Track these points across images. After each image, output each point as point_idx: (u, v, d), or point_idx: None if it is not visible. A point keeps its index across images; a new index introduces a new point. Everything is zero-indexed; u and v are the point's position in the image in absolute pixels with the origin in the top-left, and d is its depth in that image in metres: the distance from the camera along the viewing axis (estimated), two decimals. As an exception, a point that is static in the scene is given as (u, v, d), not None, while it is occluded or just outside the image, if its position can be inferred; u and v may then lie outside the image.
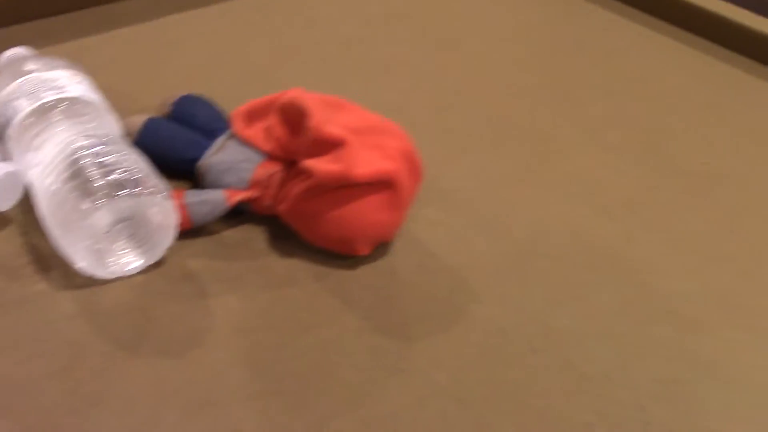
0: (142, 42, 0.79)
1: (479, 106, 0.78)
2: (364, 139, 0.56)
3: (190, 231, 0.56)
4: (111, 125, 0.57)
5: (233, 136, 0.60)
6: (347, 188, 0.54)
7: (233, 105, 0.63)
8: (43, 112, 0.55)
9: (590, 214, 0.66)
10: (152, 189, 0.51)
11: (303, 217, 0.56)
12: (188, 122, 0.62)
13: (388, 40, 0.88)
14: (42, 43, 0.68)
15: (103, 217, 0.49)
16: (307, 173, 0.55)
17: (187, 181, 0.60)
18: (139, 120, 0.61)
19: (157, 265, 0.54)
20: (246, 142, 0.59)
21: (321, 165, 0.54)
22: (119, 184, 0.50)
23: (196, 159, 0.59)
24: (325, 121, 0.55)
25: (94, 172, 0.50)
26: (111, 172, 0.50)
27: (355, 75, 0.80)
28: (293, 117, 0.57)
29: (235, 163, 0.58)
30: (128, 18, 0.82)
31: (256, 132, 0.59)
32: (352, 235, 0.56)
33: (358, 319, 0.53)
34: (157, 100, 0.66)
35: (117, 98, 0.61)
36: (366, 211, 0.55)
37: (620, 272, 0.60)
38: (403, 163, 0.56)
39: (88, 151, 0.52)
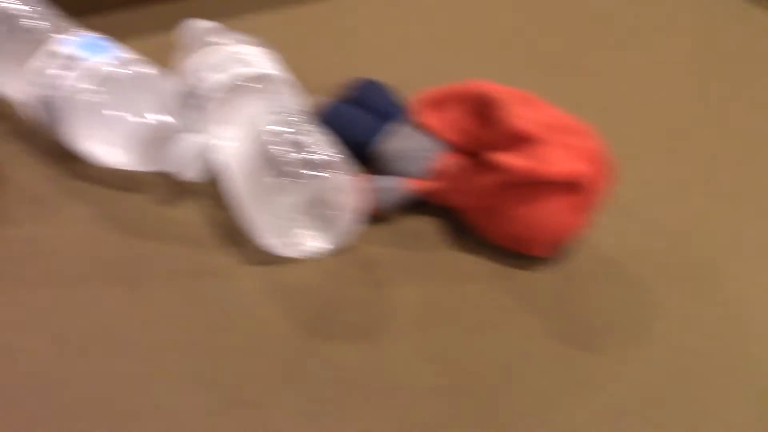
0: (317, 24, 0.78)
1: (653, 110, 0.75)
2: (557, 137, 0.53)
3: (370, 217, 0.55)
4: (298, 103, 0.56)
5: (414, 124, 0.59)
6: (535, 186, 0.52)
7: (407, 92, 0.62)
8: (235, 86, 0.55)
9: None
10: (342, 171, 0.50)
11: (485, 211, 0.54)
12: (367, 107, 0.61)
13: (561, 36, 0.85)
14: (219, 18, 0.68)
15: (292, 195, 0.49)
16: (494, 167, 0.53)
17: (363, 166, 0.59)
18: (320, 100, 0.61)
19: (340, 248, 0.53)
20: (428, 131, 0.58)
21: (512, 160, 0.52)
22: (311, 163, 0.49)
23: (375, 144, 0.58)
24: (518, 115, 0.53)
25: (285, 150, 0.50)
26: (303, 150, 0.50)
27: (528, 71, 0.78)
28: (482, 108, 0.55)
29: (416, 151, 0.57)
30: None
31: (438, 121, 0.58)
32: (535, 234, 0.54)
33: (539, 323, 0.51)
34: (331, 82, 0.65)
35: (293, 78, 0.60)
36: (552, 212, 0.53)
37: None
38: (594, 165, 0.54)
39: (280, 128, 0.51)
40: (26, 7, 0.56)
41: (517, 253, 0.55)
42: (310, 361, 0.46)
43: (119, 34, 0.57)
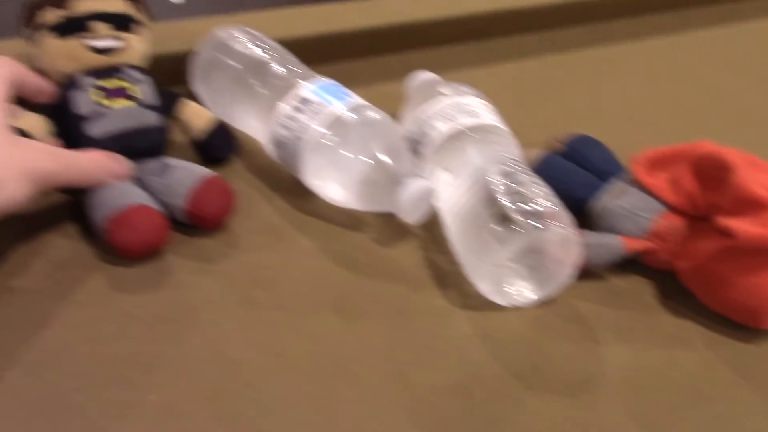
0: (525, 79, 0.80)
1: None
2: (791, 205, 0.51)
3: (581, 272, 0.55)
4: (518, 155, 0.58)
5: (633, 183, 0.58)
6: (765, 254, 0.50)
7: (618, 150, 0.62)
8: (460, 135, 0.57)
9: None
10: (563, 224, 0.51)
11: (708, 278, 0.53)
12: (581, 162, 0.62)
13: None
14: (435, 70, 0.71)
15: (512, 244, 0.50)
16: (721, 232, 0.51)
17: (577, 220, 0.59)
18: (536, 153, 0.62)
19: (549, 301, 0.53)
20: (647, 190, 0.57)
21: (745, 226, 0.50)
22: (533, 214, 0.50)
23: (591, 200, 0.58)
24: (751, 179, 0.51)
25: (507, 199, 0.51)
26: (525, 201, 0.51)
27: (746, 136, 0.75)
28: (709, 171, 0.54)
29: (635, 210, 0.56)
30: (510, 54, 0.84)
31: (659, 181, 0.57)
32: (762, 305, 0.51)
33: (760, 400, 0.48)
34: (543, 136, 0.66)
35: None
36: (781, 283, 0.50)
37: None
38: (831, 237, 0.51)
39: (503, 179, 0.53)
40: (276, 55, 0.62)
41: (738, 323, 0.53)
42: (519, 411, 0.46)
43: (351, 82, 0.62)
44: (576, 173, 0.60)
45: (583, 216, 0.58)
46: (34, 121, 0.54)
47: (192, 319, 0.49)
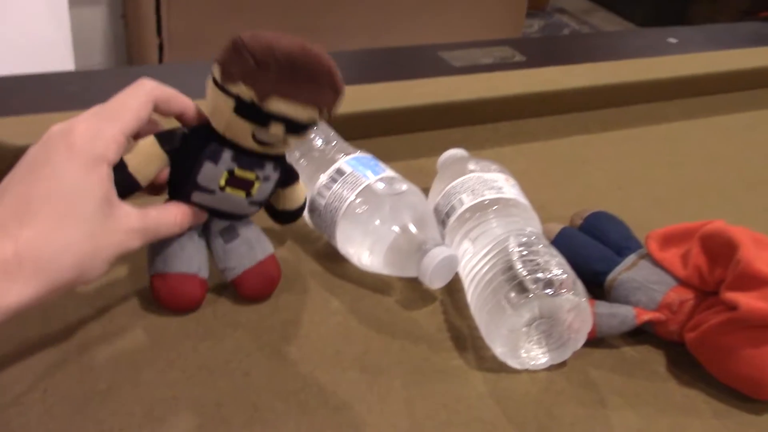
0: (552, 157, 0.84)
1: None
2: (794, 282, 0.53)
3: (593, 340, 0.57)
4: (536, 227, 0.62)
5: (646, 257, 0.61)
6: (768, 329, 0.53)
7: (636, 226, 0.66)
8: (482, 208, 0.61)
9: None
10: (575, 292, 0.54)
11: (714, 349, 0.55)
12: (599, 237, 0.65)
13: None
14: (467, 146, 0.76)
15: (525, 310, 0.53)
16: (727, 306, 0.54)
17: (590, 292, 0.62)
18: (555, 227, 0.66)
19: (561, 365, 0.56)
20: (660, 265, 0.60)
21: (747, 300, 0.52)
22: (547, 283, 0.54)
23: (605, 272, 0.61)
24: (756, 256, 0.54)
25: (524, 268, 0.55)
26: (540, 270, 0.55)
27: (759, 217, 0.77)
28: (716, 247, 0.57)
29: (647, 282, 0.59)
30: (540, 134, 0.88)
31: (671, 256, 0.60)
32: (765, 379, 0.53)
33: (764, 469, 0.50)
34: (566, 212, 0.70)
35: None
36: (785, 357, 0.53)
37: None
38: (834, 314, 0.53)
39: (519, 248, 0.57)
40: (318, 132, 0.67)
41: (743, 395, 0.55)
42: (527, 467, 0.49)
43: (387, 157, 0.67)
44: (593, 246, 0.64)
45: (599, 287, 0.62)
46: (146, 159, 0.52)
47: (225, 369, 0.53)
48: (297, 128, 0.53)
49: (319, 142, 0.67)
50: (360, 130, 0.80)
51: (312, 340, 0.56)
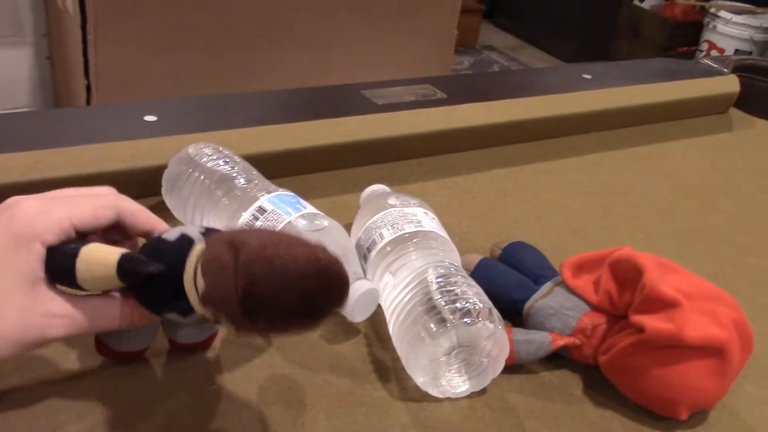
0: (474, 190, 0.87)
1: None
2: (697, 303, 0.56)
3: (512, 366, 0.59)
4: (455, 259, 0.63)
5: (561, 284, 0.64)
6: (675, 349, 0.55)
7: (553, 255, 0.68)
8: (402, 241, 0.63)
9: None
10: (492, 320, 0.56)
11: (625, 371, 0.57)
12: (517, 266, 0.67)
13: (704, 211, 0.88)
14: (392, 182, 0.78)
15: (444, 339, 0.55)
16: (635, 328, 0.56)
17: (509, 320, 0.64)
18: (474, 258, 0.68)
19: (481, 393, 0.58)
20: (573, 291, 0.62)
21: (653, 322, 0.55)
22: (465, 312, 0.55)
23: (523, 300, 0.63)
24: (660, 280, 0.57)
25: (442, 299, 0.56)
26: (458, 300, 0.56)
27: (670, 243, 0.81)
28: (625, 273, 0.59)
29: (562, 309, 0.61)
30: (462, 168, 0.91)
31: (584, 283, 0.63)
32: (674, 396, 0.56)
33: (674, 484, 0.52)
34: (487, 242, 0.72)
35: (451, 237, 0.68)
36: (691, 375, 0.55)
37: None
38: (734, 332, 0.56)
39: (438, 279, 0.58)
40: (240, 171, 0.68)
41: (655, 414, 0.57)
42: (448, 494, 0.50)
43: (310, 194, 0.68)
44: (510, 276, 0.66)
45: (519, 315, 0.64)
46: (98, 277, 0.47)
47: (150, 410, 0.53)
48: None
49: (241, 180, 0.67)
50: (286, 168, 0.81)
51: (236, 378, 0.57)
